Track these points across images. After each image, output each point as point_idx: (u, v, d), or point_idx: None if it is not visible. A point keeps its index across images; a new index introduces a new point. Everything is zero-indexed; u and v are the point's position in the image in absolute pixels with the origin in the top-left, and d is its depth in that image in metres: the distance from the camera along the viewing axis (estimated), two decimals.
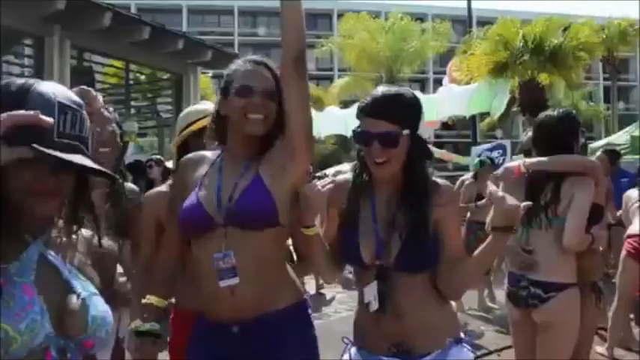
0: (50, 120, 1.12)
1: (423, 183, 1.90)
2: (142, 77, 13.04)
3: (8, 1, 6.76)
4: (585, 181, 2.85)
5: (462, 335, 1.95)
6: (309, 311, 1.94)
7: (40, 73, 7.70)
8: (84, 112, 1.28)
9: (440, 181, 1.96)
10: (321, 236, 1.92)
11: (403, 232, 1.85)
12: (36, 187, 1.20)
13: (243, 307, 1.77)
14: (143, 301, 1.98)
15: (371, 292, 1.88)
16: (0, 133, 1.06)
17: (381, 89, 1.93)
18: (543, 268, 2.88)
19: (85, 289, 1.26)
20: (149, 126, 13.26)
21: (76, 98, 1.28)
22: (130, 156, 10.36)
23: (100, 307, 1.26)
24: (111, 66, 11.22)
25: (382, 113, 1.86)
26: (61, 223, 1.34)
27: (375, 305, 1.87)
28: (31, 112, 1.09)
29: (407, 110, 1.89)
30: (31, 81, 1.25)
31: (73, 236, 1.36)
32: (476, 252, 1.83)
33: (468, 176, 7.19)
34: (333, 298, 7.79)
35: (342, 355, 2.01)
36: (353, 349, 1.99)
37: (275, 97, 1.85)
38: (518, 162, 2.90)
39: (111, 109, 2.56)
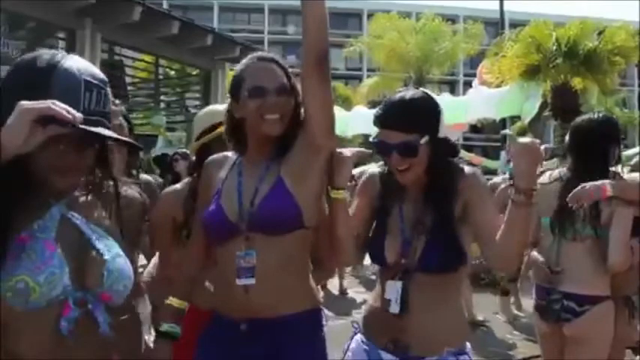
0: (78, 116, 1.15)
1: (448, 182, 1.84)
2: (172, 72, 13.13)
3: None
4: None
5: (467, 349, 1.88)
6: (323, 321, 1.89)
7: None
8: (108, 89, 1.32)
9: (466, 167, 1.91)
10: (347, 205, 1.89)
11: (428, 232, 1.82)
12: (59, 164, 1.26)
13: (254, 307, 1.73)
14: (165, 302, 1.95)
15: (394, 290, 1.85)
16: (34, 119, 1.11)
17: (395, 96, 1.87)
18: (577, 280, 2.76)
19: (107, 247, 1.33)
20: (178, 120, 13.35)
21: (102, 75, 1.33)
22: (158, 149, 10.49)
23: (118, 262, 1.32)
24: (141, 60, 11.31)
25: (397, 124, 1.81)
26: (83, 185, 1.39)
27: (395, 308, 1.83)
28: (59, 109, 1.12)
29: (423, 117, 1.83)
30: (58, 56, 1.28)
31: (94, 196, 1.41)
32: (505, 220, 1.73)
33: (498, 179, 7.01)
34: (356, 300, 7.73)
35: (349, 341, 2.01)
36: (359, 336, 1.99)
37: (289, 93, 1.79)
38: (601, 183, 2.61)
39: (117, 101, 2.51)
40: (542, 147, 1.72)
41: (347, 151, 1.89)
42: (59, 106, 1.13)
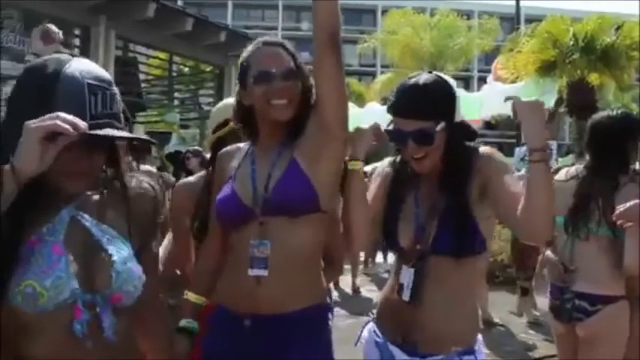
0: (83, 127, 1.16)
1: (464, 166, 1.80)
2: (186, 69, 13.15)
3: None
4: None
5: (476, 345, 1.84)
6: (330, 315, 1.85)
7: None
8: (113, 88, 1.32)
9: (482, 148, 1.86)
10: (361, 179, 1.86)
11: (441, 215, 1.78)
12: (70, 170, 1.26)
13: (263, 300, 1.70)
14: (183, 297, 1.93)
15: (407, 276, 1.81)
16: (42, 136, 1.13)
17: (408, 82, 1.81)
18: (589, 279, 2.70)
19: (117, 249, 1.33)
20: (191, 118, 13.38)
21: (106, 76, 1.32)
22: (172, 146, 10.53)
23: (127, 263, 1.32)
24: (155, 57, 11.34)
25: (412, 111, 1.77)
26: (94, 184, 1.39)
27: (407, 294, 1.80)
28: (64, 124, 1.13)
29: (438, 102, 1.78)
30: (63, 61, 1.28)
31: (105, 194, 1.41)
32: (526, 185, 1.68)
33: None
34: (369, 299, 7.70)
35: (362, 328, 2.00)
36: (371, 325, 1.97)
37: (296, 77, 1.76)
38: None
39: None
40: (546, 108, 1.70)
41: (365, 126, 1.88)
42: (64, 119, 1.13)
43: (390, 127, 1.84)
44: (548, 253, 3.00)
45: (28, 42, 7.22)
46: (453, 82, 1.93)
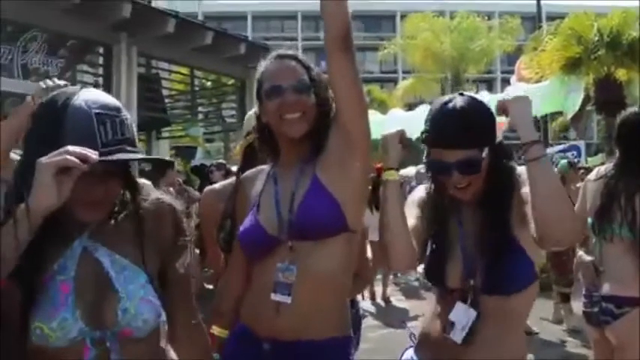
0: (93, 157, 1.17)
1: (507, 188, 1.72)
2: (208, 83, 13.25)
3: (77, 12, 6.98)
4: None
5: None
6: (352, 350, 1.77)
7: (108, 81, 7.94)
8: (122, 114, 1.32)
9: (518, 168, 1.78)
10: (399, 189, 1.79)
11: (490, 250, 1.68)
12: (87, 199, 1.27)
13: (282, 328, 1.64)
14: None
15: (463, 316, 1.69)
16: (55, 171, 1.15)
17: (445, 109, 1.71)
18: (615, 281, 2.63)
19: (127, 283, 1.31)
20: (215, 131, 13.46)
21: (114, 103, 1.33)
22: (197, 160, 10.59)
23: (136, 297, 1.31)
24: (177, 72, 11.44)
25: (455, 141, 1.67)
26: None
27: (459, 335, 1.68)
28: (74, 159, 1.15)
29: (481, 128, 1.69)
30: (71, 94, 1.30)
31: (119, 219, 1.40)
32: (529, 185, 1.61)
33: None
34: (399, 308, 7.61)
35: (403, 352, 1.90)
36: (412, 353, 1.87)
37: (309, 90, 1.71)
38: None
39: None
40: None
41: (389, 132, 1.84)
42: (74, 153, 1.15)
43: (431, 160, 1.75)
44: (581, 254, 2.92)
45: (53, 62, 7.35)
46: (485, 98, 1.86)
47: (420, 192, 1.94)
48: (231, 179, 2.45)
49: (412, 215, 1.85)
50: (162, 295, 1.40)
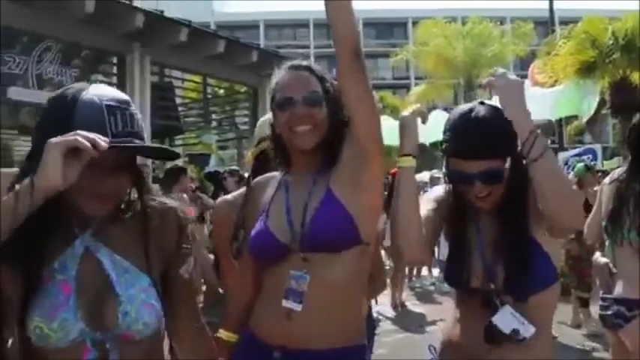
0: (103, 142, 1.16)
1: (526, 193, 1.69)
2: (221, 91, 13.31)
3: (91, 23, 7.05)
4: None
5: None
6: (366, 358, 1.74)
7: (122, 90, 7.88)
8: (132, 108, 1.32)
9: None
10: (413, 176, 1.75)
11: (510, 254, 1.66)
12: (96, 191, 1.25)
13: (293, 334, 1.60)
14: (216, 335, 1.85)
15: (507, 321, 1.65)
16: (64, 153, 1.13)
17: (465, 119, 1.68)
18: (627, 283, 2.61)
19: (128, 285, 1.29)
20: (229, 138, 13.51)
21: (124, 97, 1.33)
22: (211, 167, 10.62)
23: (137, 300, 1.29)
24: (190, 81, 11.52)
25: (478, 153, 1.64)
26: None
27: (526, 332, 1.64)
28: (85, 140, 1.13)
29: (504, 138, 1.64)
30: (81, 88, 1.30)
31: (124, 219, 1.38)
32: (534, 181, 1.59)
33: None
34: (414, 313, 7.56)
35: None
36: None
37: (321, 102, 1.68)
38: None
39: None
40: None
41: (406, 112, 1.80)
42: (84, 136, 1.14)
43: (451, 171, 1.73)
44: (597, 256, 2.91)
45: (67, 72, 7.42)
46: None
47: (439, 190, 1.91)
48: (244, 189, 2.43)
49: (427, 207, 1.83)
50: (165, 298, 1.39)
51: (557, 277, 1.71)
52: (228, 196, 2.51)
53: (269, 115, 2.50)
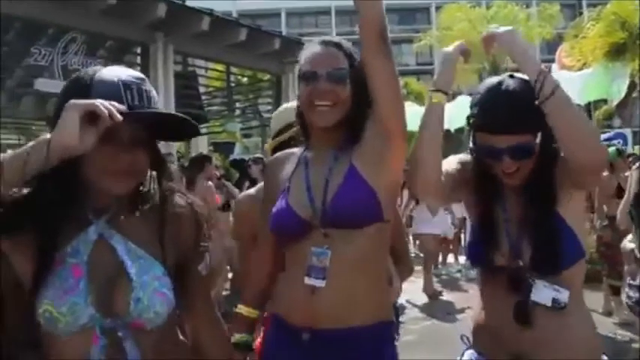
0: (122, 107, 1.19)
1: (553, 170, 1.65)
2: (244, 79, 13.33)
3: (114, 13, 7.09)
4: None
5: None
6: (394, 335, 1.74)
7: None
8: (147, 85, 1.33)
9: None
10: (442, 113, 1.71)
11: (537, 231, 1.62)
12: (112, 166, 1.25)
13: (319, 313, 1.60)
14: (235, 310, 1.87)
15: (544, 294, 1.63)
16: (81, 116, 1.14)
17: (494, 92, 1.64)
18: None
19: (141, 272, 1.27)
20: (253, 126, 13.55)
21: (138, 74, 1.34)
22: (236, 155, 10.67)
23: (150, 288, 1.27)
24: (213, 69, 11.54)
25: (508, 127, 1.59)
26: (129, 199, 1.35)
27: (564, 298, 1.62)
28: (103, 106, 1.16)
29: (535, 112, 1.58)
30: (97, 69, 1.33)
31: (140, 209, 1.37)
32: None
33: None
34: (440, 300, 7.52)
35: (460, 356, 1.83)
36: (470, 352, 1.80)
37: (345, 79, 1.66)
38: None
39: None
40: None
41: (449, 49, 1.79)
42: (103, 104, 1.16)
43: (479, 146, 1.68)
44: (625, 242, 2.86)
45: (92, 63, 7.48)
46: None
47: (466, 155, 1.86)
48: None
49: (450, 165, 1.80)
50: (181, 291, 1.38)
51: (584, 253, 1.67)
52: (251, 190, 2.50)
53: (285, 106, 2.48)
